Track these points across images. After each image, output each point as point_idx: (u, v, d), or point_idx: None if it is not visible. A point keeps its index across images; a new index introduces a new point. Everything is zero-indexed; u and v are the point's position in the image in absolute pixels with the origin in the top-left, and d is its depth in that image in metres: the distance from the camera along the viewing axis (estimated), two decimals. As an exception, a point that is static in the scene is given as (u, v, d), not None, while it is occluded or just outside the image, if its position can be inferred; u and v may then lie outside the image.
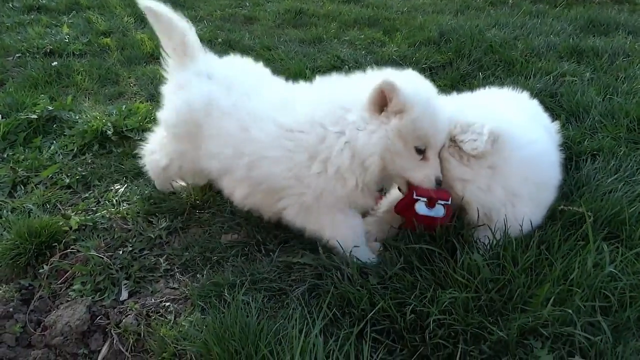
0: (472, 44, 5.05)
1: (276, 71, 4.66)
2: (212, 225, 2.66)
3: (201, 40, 5.68)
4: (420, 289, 1.94)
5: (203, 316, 2.05)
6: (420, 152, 2.13)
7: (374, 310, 1.88)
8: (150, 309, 2.19)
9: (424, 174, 2.15)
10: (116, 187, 2.99)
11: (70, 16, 6.70)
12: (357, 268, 2.13)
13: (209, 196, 2.83)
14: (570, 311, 1.80)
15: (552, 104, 3.77)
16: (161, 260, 2.45)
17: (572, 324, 1.82)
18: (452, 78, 4.32)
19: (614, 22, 6.02)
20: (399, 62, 4.78)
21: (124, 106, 3.80)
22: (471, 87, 3.86)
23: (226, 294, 2.13)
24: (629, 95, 3.87)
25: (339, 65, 4.64)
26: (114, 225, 2.65)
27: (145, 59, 5.22)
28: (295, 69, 4.54)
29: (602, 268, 2.01)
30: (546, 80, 4.20)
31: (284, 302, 2.14)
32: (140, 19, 6.60)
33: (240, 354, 1.75)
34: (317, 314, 1.93)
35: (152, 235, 2.59)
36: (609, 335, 1.83)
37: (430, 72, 4.55)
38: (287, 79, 4.44)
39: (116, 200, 2.86)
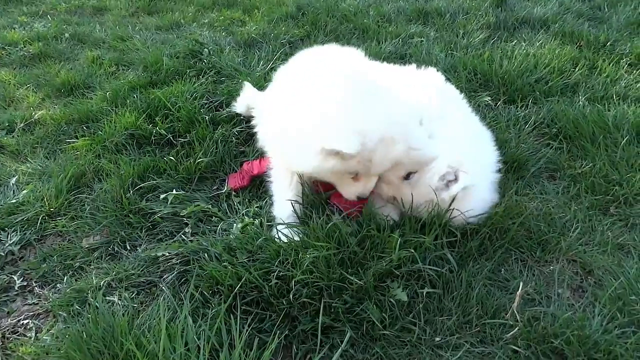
0: (327, 15, 5.20)
1: (132, 62, 4.49)
2: (71, 230, 2.50)
3: (45, 37, 5.23)
4: (283, 255, 1.99)
5: (66, 326, 1.94)
6: None
7: (240, 284, 1.91)
8: (7, 330, 2.02)
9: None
10: (-47, 209, 2.68)
11: None
12: (224, 247, 2.13)
13: (63, 201, 2.64)
14: (412, 250, 1.97)
15: (402, 65, 4.00)
16: (15, 277, 2.26)
17: (423, 261, 2.00)
18: (310, 50, 4.40)
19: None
20: (258, 39, 4.77)
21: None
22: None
23: (90, 298, 2.04)
24: (467, 49, 4.24)
25: (198, 49, 4.51)
26: (-47, 250, 2.39)
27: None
28: (152, 57, 4.34)
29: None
30: (396, 43, 4.46)
31: (155, 295, 2.10)
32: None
33: (104, 354, 1.69)
34: (187, 299, 1.92)
35: (2, 253, 2.37)
36: (454, 264, 2.04)
37: (289, 46, 4.60)
38: (144, 68, 4.28)
39: (-46, 224, 2.57)
